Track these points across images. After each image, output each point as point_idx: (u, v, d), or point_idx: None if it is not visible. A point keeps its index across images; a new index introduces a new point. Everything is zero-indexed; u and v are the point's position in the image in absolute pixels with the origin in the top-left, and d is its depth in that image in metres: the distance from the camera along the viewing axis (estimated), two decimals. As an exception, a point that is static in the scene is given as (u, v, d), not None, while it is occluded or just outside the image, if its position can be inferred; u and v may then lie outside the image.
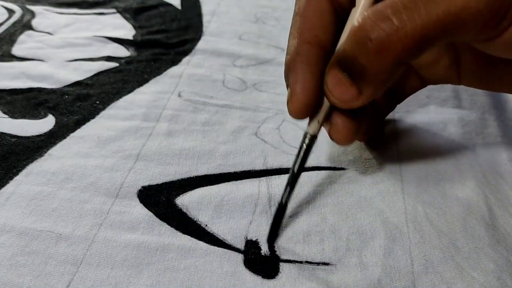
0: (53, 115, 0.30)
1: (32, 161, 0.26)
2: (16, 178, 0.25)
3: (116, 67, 0.35)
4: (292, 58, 0.22)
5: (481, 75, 0.26)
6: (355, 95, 0.20)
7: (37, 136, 0.28)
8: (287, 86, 0.22)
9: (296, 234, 0.23)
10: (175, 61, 0.36)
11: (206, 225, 0.23)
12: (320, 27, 0.22)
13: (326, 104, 0.22)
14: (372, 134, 0.27)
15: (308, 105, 0.22)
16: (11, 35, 0.38)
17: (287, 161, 0.27)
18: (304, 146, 0.22)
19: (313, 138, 0.23)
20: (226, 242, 0.22)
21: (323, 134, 0.23)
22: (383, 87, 0.21)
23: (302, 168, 0.23)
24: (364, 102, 0.21)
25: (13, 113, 0.30)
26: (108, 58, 0.36)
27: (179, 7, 0.45)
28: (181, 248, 0.22)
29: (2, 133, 0.28)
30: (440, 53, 0.25)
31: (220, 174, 0.26)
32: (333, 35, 0.22)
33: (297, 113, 0.22)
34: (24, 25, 0.40)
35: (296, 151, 0.23)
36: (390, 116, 0.31)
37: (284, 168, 0.26)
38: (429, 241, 0.22)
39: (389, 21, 0.18)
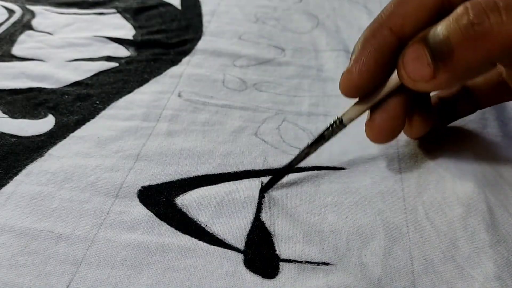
0: (53, 115, 0.30)
1: (32, 161, 0.26)
2: (16, 178, 0.25)
3: (116, 67, 0.35)
4: (366, 37, 0.21)
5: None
6: (429, 75, 0.19)
7: (37, 136, 0.28)
8: (350, 60, 0.22)
9: (296, 234, 0.23)
10: (175, 61, 0.36)
11: (206, 225, 0.23)
12: (411, 19, 0.21)
13: (379, 94, 0.22)
14: (420, 134, 0.26)
15: (357, 87, 0.21)
16: (11, 35, 0.38)
17: (287, 161, 0.27)
18: (330, 128, 0.23)
19: (341, 124, 0.23)
20: (226, 242, 0.22)
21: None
22: (458, 79, 0.20)
23: (316, 146, 0.23)
24: (432, 87, 0.20)
25: (13, 113, 0.30)
26: (108, 58, 0.36)
27: (179, 7, 0.45)
28: (181, 248, 0.22)
29: (2, 133, 0.28)
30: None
31: (220, 174, 0.26)
32: (418, 31, 0.20)
33: (345, 90, 0.22)
34: (24, 25, 0.40)
35: (296, 151, 0.24)
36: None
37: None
38: (429, 241, 0.22)
39: (498, 14, 0.18)
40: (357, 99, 0.23)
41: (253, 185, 0.25)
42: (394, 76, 0.21)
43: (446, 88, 0.21)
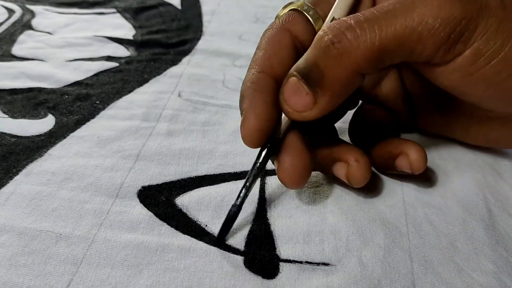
0: (53, 115, 0.30)
1: (32, 161, 0.26)
2: (16, 178, 0.25)
3: (116, 67, 0.35)
4: (246, 86, 0.22)
5: (434, 120, 0.27)
6: (310, 103, 0.20)
7: (37, 136, 0.28)
8: (241, 113, 0.22)
9: (296, 234, 0.23)
10: (175, 61, 0.36)
11: (206, 225, 0.23)
12: (277, 60, 0.22)
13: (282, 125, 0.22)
14: (367, 179, 0.24)
15: (259, 131, 0.21)
16: (11, 35, 0.38)
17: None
18: (255, 170, 0.22)
19: (263, 166, 0.22)
20: (226, 242, 0.22)
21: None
22: (338, 98, 0.21)
23: (260, 172, 0.22)
24: (318, 112, 0.21)
25: (13, 113, 0.30)
26: (108, 58, 0.36)
27: (179, 7, 0.45)
28: (181, 248, 0.22)
29: (2, 133, 0.28)
30: (395, 86, 0.27)
31: (220, 174, 0.26)
32: (288, 68, 0.21)
33: (248, 139, 0.21)
34: (24, 25, 0.40)
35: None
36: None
37: (284, 168, 0.26)
38: (428, 241, 0.22)
39: (353, 30, 0.20)
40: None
41: (253, 185, 0.25)
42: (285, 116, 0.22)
43: (330, 109, 0.21)
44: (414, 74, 0.26)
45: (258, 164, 0.22)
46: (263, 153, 0.22)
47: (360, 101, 0.28)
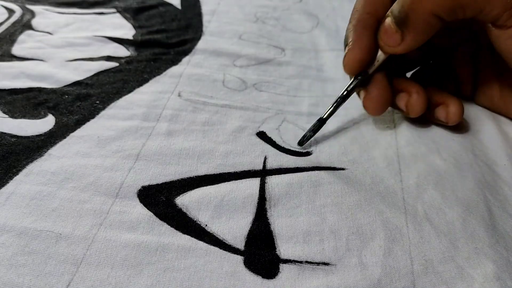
0: (53, 115, 0.30)
1: (32, 161, 0.26)
2: (16, 178, 0.25)
3: (116, 67, 0.35)
4: (354, 24, 0.27)
5: (494, 94, 0.30)
6: (398, 40, 0.25)
7: (37, 136, 0.28)
8: (345, 46, 0.27)
9: (296, 234, 0.23)
10: (175, 61, 0.36)
11: (206, 225, 0.23)
12: (379, 4, 0.27)
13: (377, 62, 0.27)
14: (423, 110, 0.29)
15: (360, 60, 0.26)
16: (11, 35, 0.38)
17: (287, 161, 0.27)
18: (357, 80, 0.27)
19: (365, 75, 0.27)
20: (226, 242, 0.22)
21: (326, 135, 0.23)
22: (420, 36, 0.25)
23: (348, 95, 0.28)
24: (405, 48, 0.25)
25: (13, 113, 0.30)
26: (108, 58, 0.36)
27: (179, 7, 0.45)
28: (181, 248, 0.22)
29: (2, 133, 0.28)
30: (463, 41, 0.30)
31: (220, 174, 0.26)
32: (387, 11, 0.26)
33: (349, 66, 0.27)
34: (24, 24, 0.40)
35: (295, 150, 0.26)
36: (389, 117, 0.31)
37: (284, 168, 0.26)
38: (429, 241, 0.22)
39: None
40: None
41: (253, 185, 0.25)
42: (380, 53, 0.27)
43: (416, 46, 0.26)
44: (489, 52, 0.29)
45: (350, 88, 0.28)
46: (355, 82, 0.27)
47: (431, 61, 0.32)
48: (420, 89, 0.28)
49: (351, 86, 0.27)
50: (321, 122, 0.28)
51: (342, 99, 0.28)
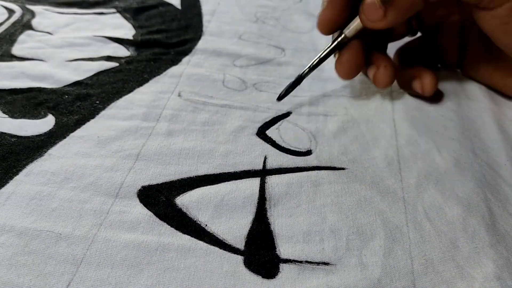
0: (53, 115, 0.30)
1: (32, 161, 0.26)
2: (16, 178, 0.25)
3: (116, 67, 0.35)
4: None
5: (480, 66, 0.31)
6: (381, 16, 0.26)
7: (37, 136, 0.28)
8: (322, 5, 0.28)
9: (296, 234, 0.23)
10: (175, 61, 0.36)
11: (206, 225, 0.23)
12: None
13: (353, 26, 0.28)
14: (388, 83, 0.30)
15: (332, 21, 0.28)
16: (11, 35, 0.38)
17: (287, 161, 0.27)
18: (335, 42, 0.29)
19: (343, 39, 0.29)
20: (226, 242, 0.22)
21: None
22: (402, 14, 0.26)
23: (326, 57, 0.29)
24: (386, 24, 0.26)
25: (13, 113, 0.30)
26: (108, 58, 0.36)
27: (179, 7, 0.45)
28: (181, 248, 0.22)
29: (2, 133, 0.28)
30: (452, 14, 0.31)
31: (220, 174, 0.26)
32: None
33: (322, 25, 0.28)
34: (24, 25, 0.40)
35: (295, 151, 0.27)
36: (389, 116, 0.31)
37: (284, 168, 0.26)
38: (429, 241, 0.22)
39: None
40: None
41: (253, 185, 0.25)
42: (357, 21, 0.28)
43: (397, 23, 0.27)
44: (474, 22, 0.29)
45: (327, 50, 0.29)
46: (333, 45, 0.29)
47: (419, 33, 0.33)
48: (388, 63, 0.29)
49: (330, 47, 0.29)
50: (300, 78, 0.30)
51: (320, 60, 0.29)
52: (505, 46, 0.27)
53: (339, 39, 0.29)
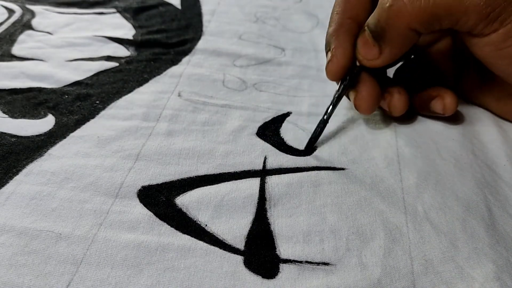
0: (53, 115, 0.30)
1: (32, 161, 0.26)
2: (16, 177, 0.25)
3: (116, 67, 0.35)
4: (336, 29, 0.27)
5: (473, 88, 0.31)
6: (377, 54, 0.26)
7: (37, 136, 0.28)
8: (327, 52, 0.28)
9: (296, 234, 0.23)
10: (175, 61, 0.36)
11: (206, 225, 0.23)
12: (360, 8, 0.28)
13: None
14: (403, 107, 0.29)
15: (344, 67, 0.27)
16: (11, 35, 0.38)
17: (287, 161, 0.27)
18: (331, 107, 0.28)
19: (343, 93, 0.28)
20: (226, 242, 0.22)
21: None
22: (398, 50, 0.26)
23: (339, 99, 0.28)
24: (383, 61, 0.26)
25: (13, 113, 0.30)
26: (108, 58, 0.36)
27: (179, 6, 0.45)
28: (181, 248, 0.22)
29: (2, 133, 0.28)
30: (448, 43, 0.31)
31: (220, 174, 0.26)
32: (368, 15, 0.26)
33: (334, 74, 0.27)
34: (24, 24, 0.40)
35: (296, 151, 0.26)
36: (389, 117, 0.31)
37: (284, 168, 0.26)
38: (429, 241, 0.22)
39: None
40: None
41: (253, 185, 0.25)
42: None
43: (395, 58, 0.27)
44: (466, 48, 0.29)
45: (341, 90, 0.28)
46: (344, 83, 0.27)
47: (412, 56, 0.32)
48: (401, 89, 0.29)
49: (342, 90, 0.28)
50: (324, 122, 0.28)
51: (337, 100, 0.28)
52: (499, 72, 0.27)
53: (349, 77, 0.27)
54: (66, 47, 0.37)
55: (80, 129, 0.29)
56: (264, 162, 0.27)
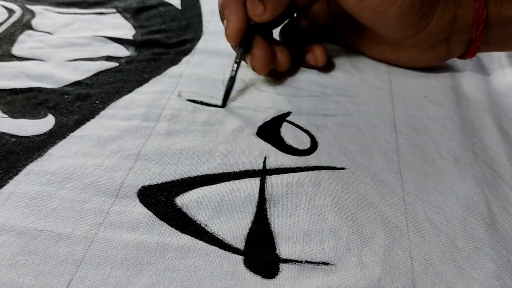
0: (53, 115, 0.30)
1: (32, 161, 0.26)
2: (16, 177, 0.25)
3: (116, 67, 0.35)
4: None
5: (348, 36, 0.37)
6: (262, 10, 0.30)
7: (37, 136, 0.28)
8: (223, 20, 0.32)
9: (296, 234, 0.23)
10: (175, 61, 0.36)
11: (206, 225, 0.23)
12: None
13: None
14: (287, 64, 0.34)
15: (240, 29, 0.30)
16: (11, 35, 0.38)
17: (287, 161, 0.27)
18: (235, 65, 0.32)
19: (241, 57, 0.32)
20: (226, 242, 0.22)
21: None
22: (278, 5, 0.30)
23: (242, 54, 0.32)
24: (269, 16, 0.30)
25: (13, 113, 0.30)
26: (108, 58, 0.36)
27: (179, 6, 0.45)
28: (181, 248, 0.22)
29: (2, 133, 0.28)
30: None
31: (220, 173, 0.26)
32: None
33: (233, 37, 0.31)
34: (24, 24, 0.40)
35: (296, 151, 0.27)
36: (389, 116, 0.31)
37: (284, 168, 0.26)
38: (429, 241, 0.22)
39: None
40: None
41: (253, 185, 0.25)
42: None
43: (279, 13, 0.31)
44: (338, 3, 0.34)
45: (239, 55, 0.32)
46: (241, 49, 0.32)
47: (295, 15, 0.36)
48: (283, 47, 0.33)
49: (239, 55, 0.32)
50: (232, 79, 0.31)
51: (238, 64, 0.32)
52: (364, 21, 0.32)
53: (244, 43, 0.31)
54: (66, 47, 0.37)
55: (80, 129, 0.29)
56: (264, 162, 0.27)
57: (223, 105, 0.31)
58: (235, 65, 0.32)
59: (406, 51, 0.34)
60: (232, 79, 0.32)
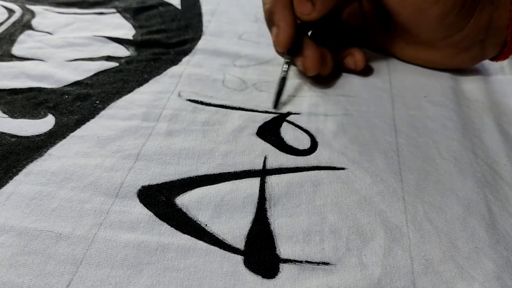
0: (53, 115, 0.30)
1: (32, 161, 0.26)
2: (16, 178, 0.25)
3: (116, 67, 0.35)
4: (274, 4, 0.31)
5: (380, 39, 0.36)
6: (310, 8, 0.30)
7: (37, 136, 0.28)
8: (271, 27, 0.32)
9: (296, 234, 0.23)
10: (175, 61, 0.36)
11: (206, 225, 0.23)
12: None
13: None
14: (331, 67, 0.34)
15: (291, 36, 0.31)
16: (11, 35, 0.38)
17: (287, 161, 0.27)
18: (286, 66, 0.32)
19: (289, 63, 0.32)
20: (226, 242, 0.22)
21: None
22: (328, 3, 0.30)
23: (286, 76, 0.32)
24: (318, 14, 0.30)
25: (13, 113, 0.30)
26: (108, 58, 0.36)
27: (179, 7, 0.45)
28: (181, 248, 0.22)
29: (2, 133, 0.28)
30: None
31: (220, 173, 0.26)
32: None
33: (284, 44, 0.31)
34: (24, 24, 0.40)
35: (296, 151, 0.27)
36: (389, 116, 0.31)
37: (284, 168, 0.26)
38: (429, 241, 0.22)
39: None
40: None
41: (253, 185, 0.25)
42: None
43: (327, 10, 0.30)
44: (371, 4, 0.35)
45: (289, 56, 0.32)
46: (291, 54, 0.32)
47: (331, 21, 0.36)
48: (313, 51, 0.32)
49: (289, 60, 0.32)
50: (283, 80, 0.32)
51: (288, 67, 0.32)
52: (404, 19, 0.31)
53: (292, 48, 0.32)
54: (66, 47, 0.37)
55: (80, 129, 0.29)
56: (264, 162, 0.27)
57: (275, 107, 0.31)
58: (286, 66, 0.32)
59: (440, 52, 0.34)
60: (283, 80, 0.32)
